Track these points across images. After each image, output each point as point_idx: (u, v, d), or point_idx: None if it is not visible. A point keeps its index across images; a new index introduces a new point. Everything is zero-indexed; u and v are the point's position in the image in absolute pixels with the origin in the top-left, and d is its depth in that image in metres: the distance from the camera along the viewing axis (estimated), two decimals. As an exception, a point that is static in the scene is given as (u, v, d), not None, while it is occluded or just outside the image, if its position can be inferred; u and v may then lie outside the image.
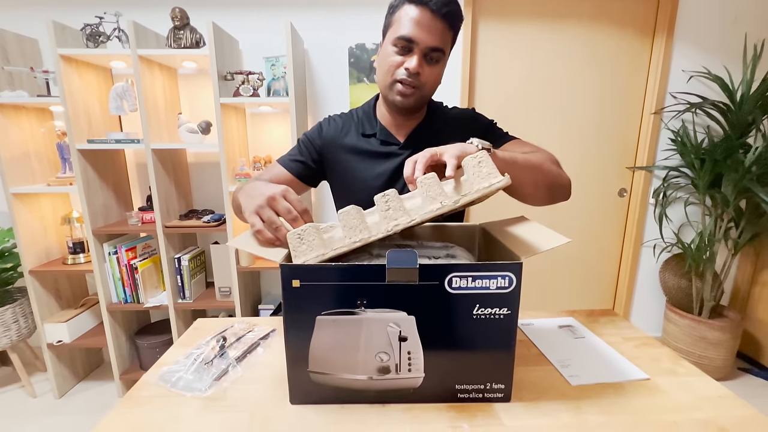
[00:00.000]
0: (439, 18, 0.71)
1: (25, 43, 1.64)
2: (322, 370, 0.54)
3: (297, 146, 0.91)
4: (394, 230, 0.53)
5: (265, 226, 0.57)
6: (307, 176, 0.89)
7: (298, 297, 0.51)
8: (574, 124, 1.96)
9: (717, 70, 1.80)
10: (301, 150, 0.89)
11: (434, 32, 0.72)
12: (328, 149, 0.88)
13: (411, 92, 0.76)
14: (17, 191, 1.57)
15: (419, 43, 0.72)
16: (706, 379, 0.62)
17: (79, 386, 1.85)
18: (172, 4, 1.58)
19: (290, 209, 0.57)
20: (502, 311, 0.52)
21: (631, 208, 2.05)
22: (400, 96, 0.77)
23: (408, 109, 0.81)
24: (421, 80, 0.75)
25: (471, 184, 0.53)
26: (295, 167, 0.87)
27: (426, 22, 0.71)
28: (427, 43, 0.72)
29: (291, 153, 0.90)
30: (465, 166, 0.55)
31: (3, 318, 1.65)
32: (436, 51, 0.73)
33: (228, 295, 1.75)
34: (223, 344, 0.70)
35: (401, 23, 0.73)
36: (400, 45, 0.74)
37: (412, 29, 0.71)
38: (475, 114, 0.92)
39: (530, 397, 0.57)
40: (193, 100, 1.82)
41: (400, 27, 0.73)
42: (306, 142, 0.89)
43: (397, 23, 0.73)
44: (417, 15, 0.71)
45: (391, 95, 0.78)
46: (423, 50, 0.73)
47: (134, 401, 0.57)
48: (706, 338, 1.78)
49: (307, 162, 0.88)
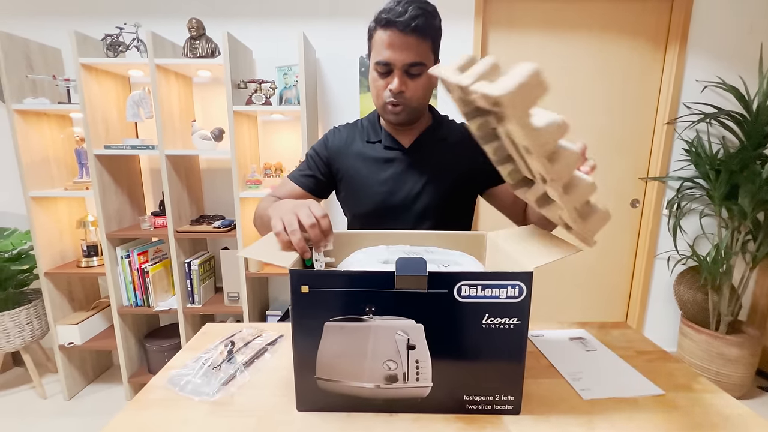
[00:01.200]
0: (409, 34, 0.73)
1: (48, 53, 1.70)
2: (329, 377, 0.53)
3: (305, 161, 0.93)
4: None
5: (284, 229, 0.58)
6: (317, 189, 0.91)
7: (306, 303, 0.51)
8: (585, 133, 1.94)
9: (732, 80, 1.78)
10: (310, 164, 0.92)
11: (408, 49, 0.74)
12: (335, 159, 0.90)
13: (400, 109, 0.80)
14: (36, 195, 1.62)
15: (396, 64, 0.75)
16: (724, 396, 0.60)
17: (88, 388, 1.87)
18: (189, 15, 1.63)
19: (310, 215, 0.58)
20: (512, 321, 0.51)
21: (644, 219, 2.01)
22: (392, 115, 0.81)
23: (403, 123, 0.84)
24: (406, 96, 0.78)
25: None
26: (305, 182, 0.90)
27: (398, 42, 0.73)
28: (404, 60, 0.74)
29: (300, 168, 0.93)
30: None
31: (17, 319, 1.68)
32: (414, 66, 0.76)
33: (236, 301, 1.76)
34: (231, 349, 0.70)
35: (377, 48, 0.76)
36: (380, 69, 0.77)
37: (386, 52, 0.74)
38: None
39: (540, 410, 0.56)
40: (206, 107, 1.86)
41: (377, 52, 0.76)
42: (314, 155, 0.92)
43: (375, 49, 0.77)
44: (388, 37, 0.73)
45: (386, 115, 0.83)
46: (402, 68, 0.75)
47: (142, 404, 0.57)
48: (724, 354, 1.72)
49: (316, 175, 0.90)
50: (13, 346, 1.70)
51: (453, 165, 0.88)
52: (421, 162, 0.87)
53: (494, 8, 1.82)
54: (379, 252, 0.67)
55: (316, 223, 0.57)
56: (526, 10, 1.82)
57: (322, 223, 0.58)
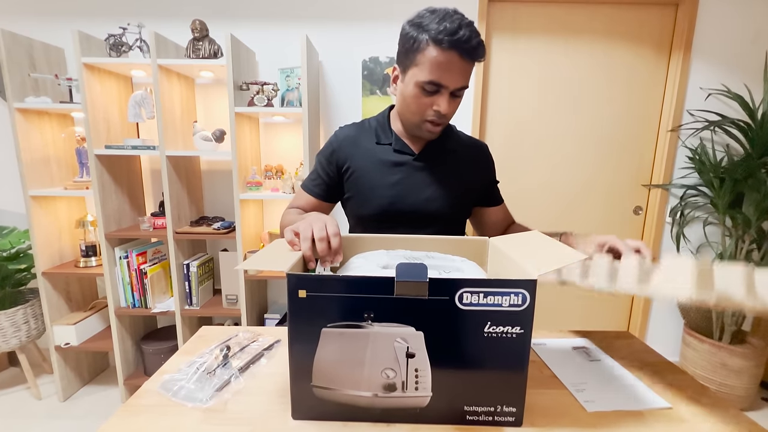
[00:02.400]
0: (470, 61, 0.71)
1: (51, 52, 1.70)
2: (326, 384, 0.52)
3: (315, 166, 0.93)
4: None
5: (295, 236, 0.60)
6: (328, 195, 0.92)
7: (304, 308, 0.50)
8: (588, 139, 1.93)
9: (737, 88, 1.77)
10: (318, 170, 0.92)
11: (464, 74, 0.73)
12: (342, 155, 0.89)
13: (440, 129, 0.80)
14: (35, 194, 1.61)
15: (449, 87, 0.72)
16: (734, 411, 0.58)
17: (83, 390, 1.85)
18: (193, 16, 1.63)
19: (323, 229, 0.59)
20: (514, 330, 0.50)
21: (647, 226, 1.99)
22: (429, 132, 0.81)
23: (433, 139, 0.85)
24: (447, 116, 0.78)
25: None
26: (317, 191, 0.91)
27: (457, 67, 0.71)
28: (457, 84, 0.73)
29: (311, 176, 0.93)
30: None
31: (14, 318, 1.67)
32: (462, 89, 0.75)
33: (234, 303, 1.74)
34: (227, 354, 0.69)
35: (429, 67, 0.70)
36: (428, 88, 0.73)
37: (441, 74, 0.71)
38: (489, 151, 0.96)
39: (543, 422, 0.54)
40: (208, 108, 1.86)
41: (427, 70, 0.71)
42: (321, 160, 0.91)
43: (423, 65, 0.71)
44: (446, 59, 0.69)
45: (419, 132, 0.82)
46: (452, 90, 0.74)
47: (133, 409, 0.56)
48: (727, 365, 1.70)
49: (325, 179, 0.90)
50: (9, 345, 1.68)
51: (460, 176, 0.88)
52: (430, 169, 0.86)
53: (498, 13, 1.82)
54: (379, 257, 0.65)
55: (325, 238, 0.58)
56: (530, 15, 1.82)
57: (333, 241, 0.58)
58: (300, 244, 0.58)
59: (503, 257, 0.64)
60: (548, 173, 1.97)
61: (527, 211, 1.99)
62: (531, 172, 1.97)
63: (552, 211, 2.00)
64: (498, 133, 1.93)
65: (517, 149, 1.95)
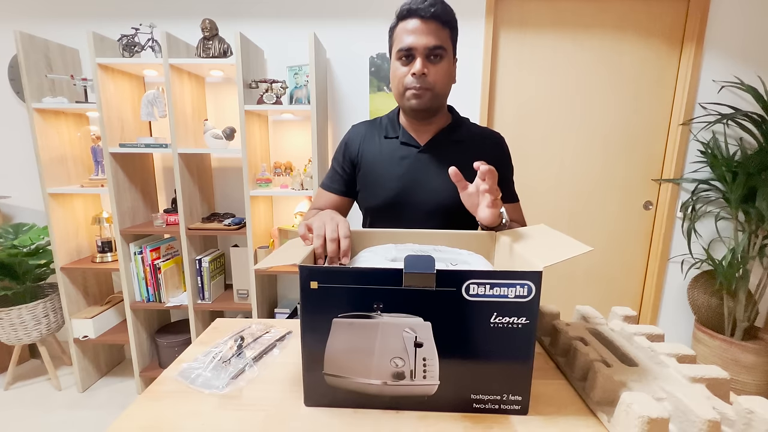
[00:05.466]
0: (429, 20, 0.77)
1: (66, 53, 1.75)
2: (337, 373, 0.54)
3: (332, 164, 0.97)
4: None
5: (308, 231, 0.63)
6: (348, 189, 0.95)
7: (315, 299, 0.52)
8: (597, 133, 1.92)
9: (750, 80, 1.74)
10: (335, 167, 0.95)
11: (428, 33, 0.77)
12: (354, 149, 0.93)
13: (422, 93, 0.80)
14: (54, 191, 1.66)
15: (418, 48, 0.78)
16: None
17: (101, 381, 1.91)
18: (202, 15, 1.66)
19: (335, 230, 0.62)
20: (520, 320, 0.51)
21: (657, 221, 1.97)
22: (414, 99, 0.81)
23: (425, 110, 0.83)
24: (429, 81, 0.79)
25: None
26: (336, 186, 0.94)
27: (419, 28, 0.77)
28: (425, 44, 0.77)
29: (328, 174, 0.97)
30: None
31: (35, 312, 1.73)
32: (436, 49, 0.78)
33: (245, 298, 1.78)
34: (241, 344, 0.71)
35: (399, 39, 0.80)
36: (402, 56, 0.80)
37: (408, 39, 0.78)
38: (504, 143, 0.94)
39: (549, 410, 0.55)
40: (218, 107, 1.89)
41: (399, 42, 0.80)
42: (337, 157, 0.95)
43: (396, 40, 0.81)
44: (409, 26, 0.78)
45: (407, 103, 0.83)
46: (423, 53, 0.78)
47: (154, 395, 0.58)
48: (739, 361, 1.68)
49: (342, 175, 0.94)
50: (30, 338, 1.74)
51: (465, 166, 0.87)
52: (435, 161, 0.87)
53: (506, 8, 1.81)
54: (388, 250, 0.67)
55: (336, 239, 0.60)
56: (538, 9, 1.81)
57: (342, 243, 0.61)
58: (312, 240, 0.61)
59: (510, 250, 0.65)
60: (556, 168, 1.96)
61: (535, 205, 1.98)
62: (539, 167, 1.96)
63: (560, 206, 1.99)
64: (506, 129, 1.92)
65: (526, 144, 1.94)
